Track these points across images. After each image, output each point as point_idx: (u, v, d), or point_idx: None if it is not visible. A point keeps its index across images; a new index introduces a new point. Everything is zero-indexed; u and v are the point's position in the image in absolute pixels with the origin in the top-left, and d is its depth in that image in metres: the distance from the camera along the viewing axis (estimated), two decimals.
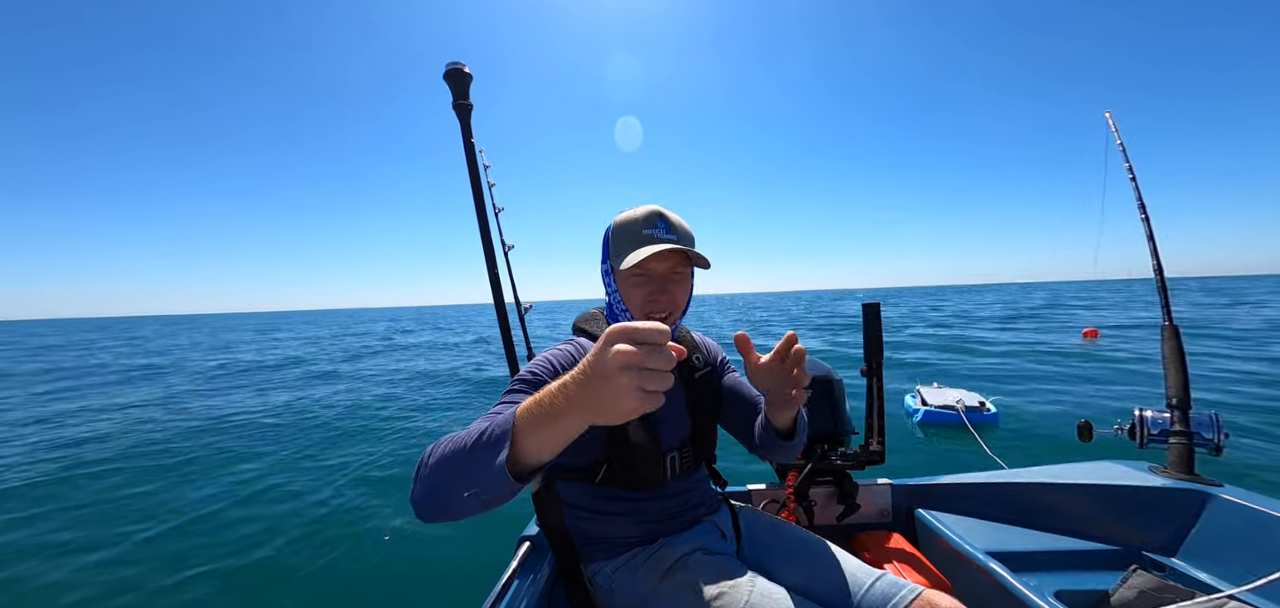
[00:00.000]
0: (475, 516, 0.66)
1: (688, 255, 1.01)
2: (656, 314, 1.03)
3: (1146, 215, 1.77)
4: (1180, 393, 1.57)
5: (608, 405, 0.56)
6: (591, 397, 0.57)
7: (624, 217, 1.04)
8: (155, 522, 4.01)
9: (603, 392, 0.55)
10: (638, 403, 0.55)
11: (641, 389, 0.54)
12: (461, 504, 0.65)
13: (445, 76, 1.37)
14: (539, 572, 1.20)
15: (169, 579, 3.17)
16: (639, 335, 0.55)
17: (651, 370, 0.55)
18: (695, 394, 1.16)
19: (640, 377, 0.54)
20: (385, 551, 3.47)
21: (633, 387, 0.54)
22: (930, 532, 1.56)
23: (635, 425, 1.04)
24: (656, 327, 0.56)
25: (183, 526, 3.94)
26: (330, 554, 3.44)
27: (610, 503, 1.09)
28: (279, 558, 3.41)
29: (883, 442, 1.63)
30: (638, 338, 0.55)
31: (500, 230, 1.49)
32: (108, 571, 3.31)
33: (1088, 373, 8.60)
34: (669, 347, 0.57)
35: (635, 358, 0.54)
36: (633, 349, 0.54)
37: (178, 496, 4.56)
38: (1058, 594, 1.21)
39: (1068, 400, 6.72)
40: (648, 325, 0.56)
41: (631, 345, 0.55)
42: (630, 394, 0.54)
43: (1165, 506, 1.46)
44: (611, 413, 0.56)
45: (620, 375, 0.54)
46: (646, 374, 0.54)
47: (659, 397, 0.56)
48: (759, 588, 0.93)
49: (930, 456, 4.95)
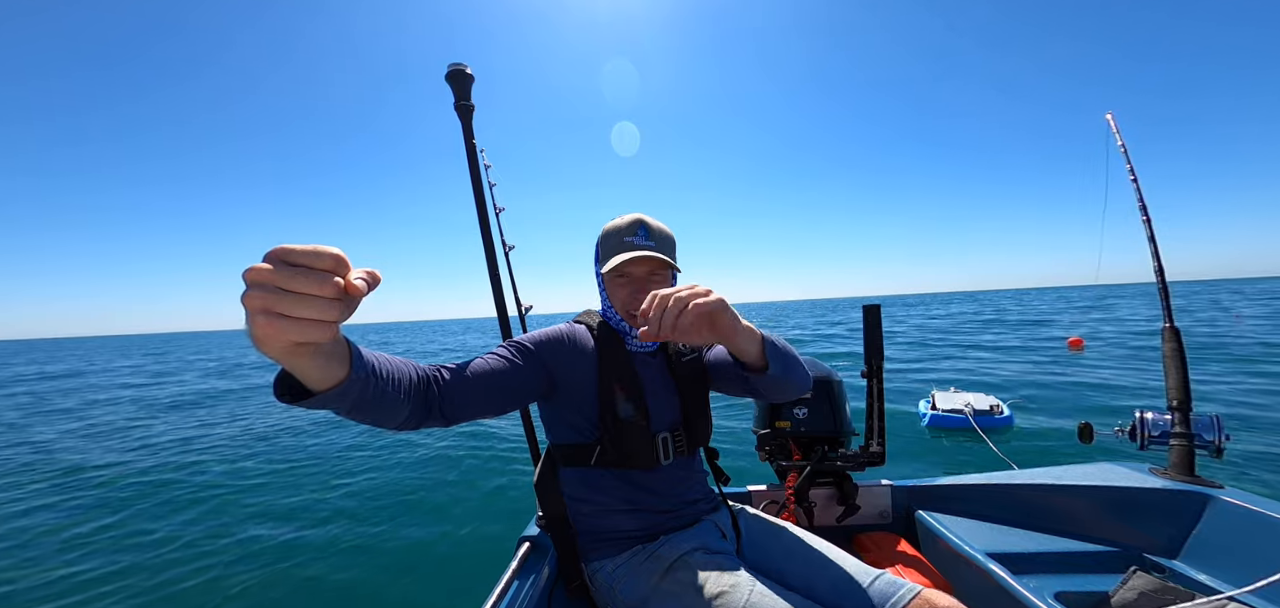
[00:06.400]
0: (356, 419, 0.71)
1: (661, 260, 1.08)
2: (636, 312, 1.07)
3: (1148, 218, 1.77)
4: (1181, 395, 1.57)
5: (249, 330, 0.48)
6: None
7: (611, 224, 1.12)
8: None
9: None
10: (271, 329, 0.47)
11: (270, 312, 0.47)
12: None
13: (447, 78, 1.37)
14: (539, 572, 1.21)
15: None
16: (289, 256, 0.47)
17: (291, 293, 0.47)
18: (681, 378, 1.19)
19: (270, 297, 0.46)
20: (386, 550, 3.48)
21: (258, 307, 0.46)
22: (930, 533, 1.56)
23: (623, 402, 1.08)
24: (316, 249, 0.48)
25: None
26: (331, 554, 3.45)
27: (607, 492, 1.11)
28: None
29: (883, 443, 1.64)
30: (287, 257, 0.47)
31: (501, 230, 1.50)
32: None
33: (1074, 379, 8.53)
34: (338, 278, 0.49)
35: (263, 274, 0.46)
36: (265, 266, 0.47)
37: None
38: (1058, 596, 1.21)
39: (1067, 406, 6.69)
40: (303, 247, 0.48)
41: (269, 264, 0.47)
42: (256, 316, 0.46)
43: (1166, 507, 1.45)
44: (254, 338, 0.48)
45: (248, 294, 0.46)
46: (281, 296, 0.47)
47: (308, 327, 0.49)
48: (759, 588, 0.93)
49: (940, 461, 4.89)
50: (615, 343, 1.13)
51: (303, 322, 0.48)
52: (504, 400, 0.97)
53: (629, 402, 1.09)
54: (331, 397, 0.63)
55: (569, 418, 1.12)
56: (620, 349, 1.13)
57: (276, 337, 0.48)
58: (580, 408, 1.10)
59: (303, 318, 0.48)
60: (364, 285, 0.51)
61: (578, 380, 1.09)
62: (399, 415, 0.77)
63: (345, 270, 0.50)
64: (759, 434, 1.73)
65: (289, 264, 0.47)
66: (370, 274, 0.52)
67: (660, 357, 1.20)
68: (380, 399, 0.71)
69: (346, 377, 0.63)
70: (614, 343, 1.13)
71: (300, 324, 0.48)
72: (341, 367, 0.62)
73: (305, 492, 4.67)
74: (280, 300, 0.47)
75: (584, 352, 1.11)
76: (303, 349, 0.54)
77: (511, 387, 0.98)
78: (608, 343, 1.13)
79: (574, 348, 1.10)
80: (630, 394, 1.09)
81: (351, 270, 0.51)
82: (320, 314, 0.49)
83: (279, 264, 0.47)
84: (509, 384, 0.97)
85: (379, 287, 0.53)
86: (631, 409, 1.08)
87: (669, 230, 1.14)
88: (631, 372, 1.11)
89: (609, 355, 1.11)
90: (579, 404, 1.10)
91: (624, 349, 1.13)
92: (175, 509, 4.43)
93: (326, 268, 0.49)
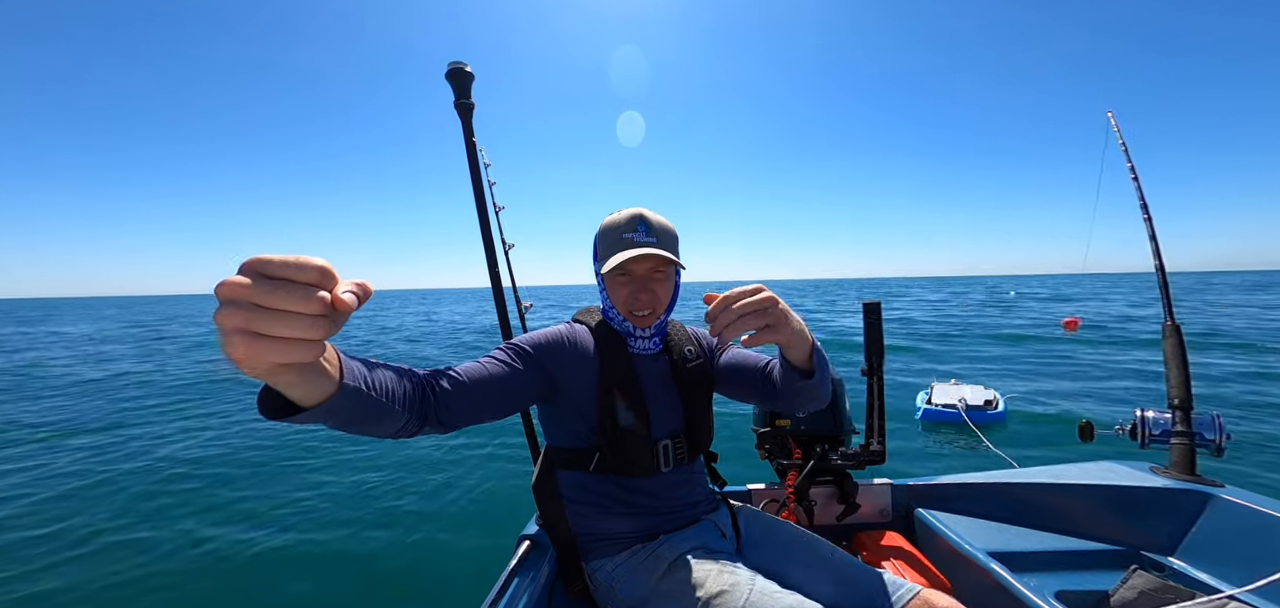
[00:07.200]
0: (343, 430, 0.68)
1: (664, 257, 1.05)
2: (639, 312, 1.07)
3: (1149, 216, 1.77)
4: (1181, 393, 1.57)
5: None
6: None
7: (609, 220, 1.08)
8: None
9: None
10: (250, 351, 0.42)
11: (247, 332, 0.42)
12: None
13: (447, 76, 1.37)
14: (539, 571, 1.20)
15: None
16: (267, 268, 0.43)
17: (271, 311, 0.43)
18: (686, 385, 1.16)
19: (248, 315, 0.42)
20: (386, 551, 3.48)
21: (234, 327, 0.42)
22: (930, 532, 1.55)
23: (624, 410, 1.06)
24: (298, 259, 0.44)
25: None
26: (330, 556, 3.46)
27: (607, 495, 1.10)
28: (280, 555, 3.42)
29: (883, 442, 1.63)
30: (265, 269, 0.43)
31: (500, 229, 1.49)
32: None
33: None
34: (324, 293, 0.44)
35: (238, 290, 0.42)
36: (240, 280, 0.42)
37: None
38: (1058, 595, 1.21)
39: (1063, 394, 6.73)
40: (283, 257, 0.43)
41: (245, 277, 0.42)
42: (231, 337, 0.42)
43: (1166, 506, 1.45)
44: (232, 361, 0.43)
45: (221, 311, 0.42)
46: (259, 314, 0.42)
47: (292, 347, 0.45)
48: (759, 587, 0.93)
49: (937, 456, 4.90)
50: (617, 345, 1.11)
51: (285, 341, 0.44)
52: (502, 405, 0.95)
53: (629, 409, 1.06)
54: (320, 412, 0.59)
55: (568, 422, 1.10)
56: (622, 351, 1.10)
57: (256, 359, 0.43)
58: (580, 413, 1.08)
59: (285, 337, 0.44)
60: (353, 299, 0.46)
61: (578, 385, 1.07)
62: (394, 425, 0.74)
63: (331, 283, 0.45)
64: (759, 433, 1.73)
65: (267, 278, 0.42)
66: (360, 286, 0.47)
67: (664, 359, 1.18)
68: (373, 410, 0.68)
69: (336, 390, 0.59)
70: (615, 345, 1.10)
71: (283, 344, 0.44)
72: (330, 379, 0.58)
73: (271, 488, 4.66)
74: (258, 319, 0.42)
75: (584, 355, 1.08)
76: (288, 368, 0.49)
77: (510, 391, 0.96)
78: (609, 345, 1.10)
79: (574, 351, 1.08)
80: (631, 401, 1.07)
81: (339, 283, 0.46)
82: (304, 332, 0.44)
83: (256, 278, 0.42)
84: (507, 388, 0.96)
85: (370, 299, 0.49)
86: (632, 417, 1.06)
87: (670, 225, 1.10)
88: (633, 376, 1.09)
89: (610, 359, 1.08)
90: (579, 409, 1.08)
91: (626, 351, 1.11)
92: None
93: (310, 281, 0.44)
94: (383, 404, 0.70)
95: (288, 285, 0.43)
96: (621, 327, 1.12)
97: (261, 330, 0.43)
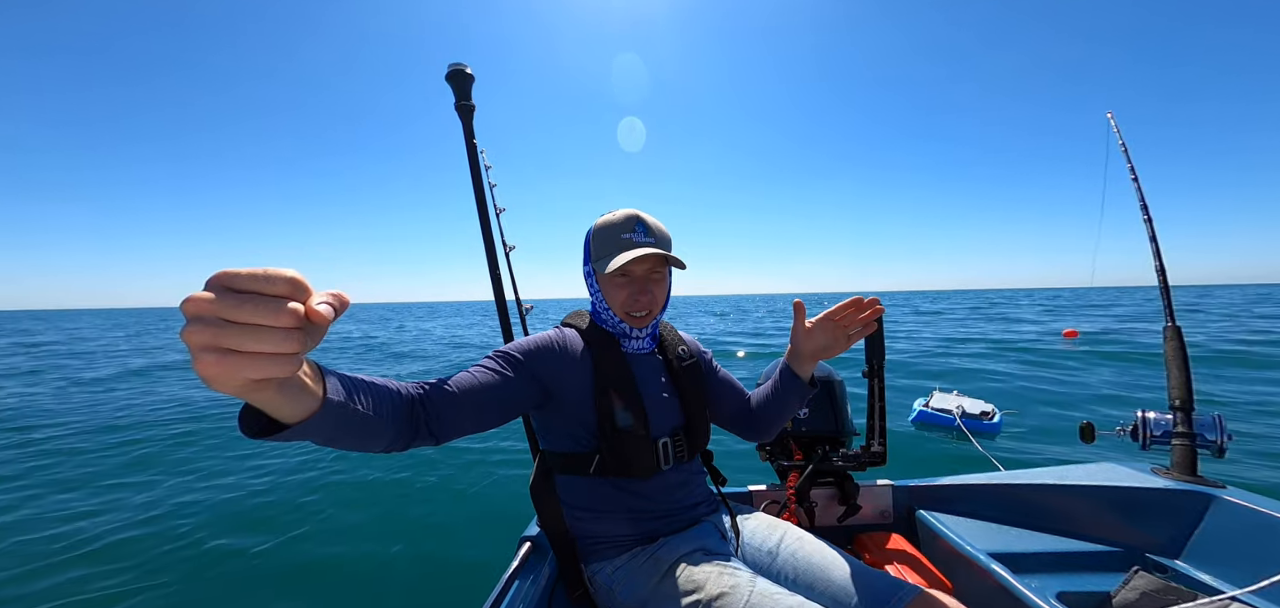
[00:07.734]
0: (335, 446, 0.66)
1: (665, 257, 1.06)
2: (637, 313, 1.08)
3: (1149, 218, 1.77)
4: (1183, 394, 1.57)
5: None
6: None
7: (604, 220, 1.08)
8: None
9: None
10: (219, 368, 0.41)
11: (216, 348, 0.41)
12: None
13: (447, 78, 1.37)
14: (539, 572, 1.20)
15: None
16: (233, 281, 0.41)
17: (240, 326, 0.41)
18: (682, 382, 1.17)
19: (215, 331, 0.41)
20: (385, 552, 3.47)
21: (201, 344, 0.41)
22: (931, 533, 1.55)
23: (622, 410, 1.06)
24: (266, 271, 0.42)
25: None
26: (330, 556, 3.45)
27: (607, 498, 1.09)
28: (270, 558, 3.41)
29: (884, 443, 1.63)
30: (231, 283, 0.41)
31: (502, 231, 1.50)
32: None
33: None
34: (295, 305, 0.43)
35: (204, 305, 0.40)
36: (206, 295, 0.41)
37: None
38: (1059, 596, 1.21)
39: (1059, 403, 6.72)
40: (249, 270, 0.42)
41: (211, 292, 0.41)
42: (199, 355, 0.41)
43: (1167, 507, 1.45)
44: (201, 379, 0.42)
45: (188, 329, 0.41)
46: (227, 329, 0.41)
47: (264, 363, 0.43)
48: (759, 589, 0.92)
49: (934, 460, 4.91)
50: (610, 346, 1.10)
51: (257, 356, 0.43)
52: (495, 415, 0.94)
53: (627, 409, 1.06)
54: (303, 429, 0.58)
55: (565, 427, 1.09)
56: (615, 351, 1.10)
57: (226, 376, 0.42)
58: (576, 417, 1.07)
59: (257, 352, 0.42)
60: (329, 311, 0.45)
61: (572, 389, 1.05)
62: (383, 439, 0.73)
63: (304, 295, 0.44)
64: None
65: (234, 292, 0.41)
66: (336, 297, 0.46)
67: (658, 357, 1.17)
68: (360, 425, 0.67)
69: (319, 406, 0.58)
70: (608, 346, 1.10)
71: (255, 360, 0.43)
72: (312, 395, 0.56)
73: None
74: (227, 334, 0.41)
75: (577, 359, 1.07)
76: (263, 384, 0.48)
77: (502, 400, 0.95)
78: (602, 346, 1.09)
79: (566, 356, 1.06)
80: (628, 401, 1.06)
81: (313, 294, 0.45)
82: (277, 346, 0.43)
83: (222, 292, 0.41)
84: (499, 398, 0.94)
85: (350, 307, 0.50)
86: (630, 417, 1.06)
87: (664, 226, 1.11)
88: (628, 375, 1.08)
89: (604, 360, 1.08)
90: (575, 413, 1.06)
91: (619, 351, 1.10)
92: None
93: (280, 293, 0.42)
94: (370, 419, 0.69)
95: (256, 299, 0.42)
96: (615, 327, 1.12)
97: (231, 346, 0.41)
